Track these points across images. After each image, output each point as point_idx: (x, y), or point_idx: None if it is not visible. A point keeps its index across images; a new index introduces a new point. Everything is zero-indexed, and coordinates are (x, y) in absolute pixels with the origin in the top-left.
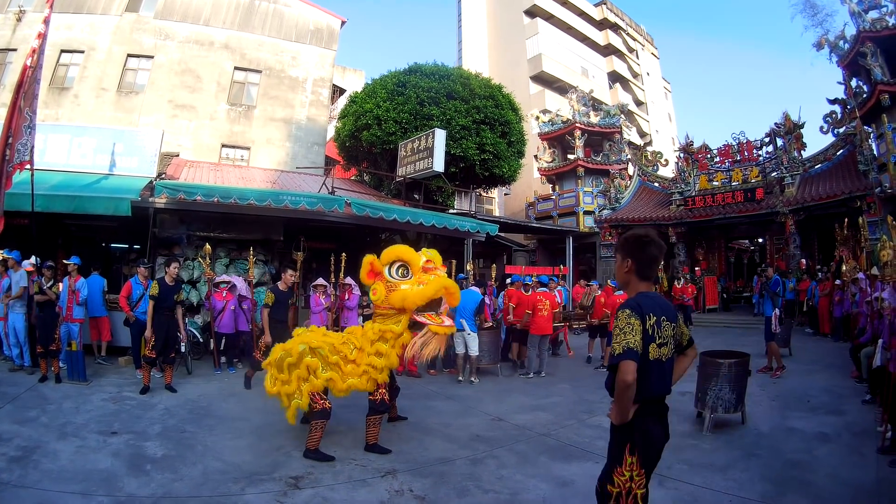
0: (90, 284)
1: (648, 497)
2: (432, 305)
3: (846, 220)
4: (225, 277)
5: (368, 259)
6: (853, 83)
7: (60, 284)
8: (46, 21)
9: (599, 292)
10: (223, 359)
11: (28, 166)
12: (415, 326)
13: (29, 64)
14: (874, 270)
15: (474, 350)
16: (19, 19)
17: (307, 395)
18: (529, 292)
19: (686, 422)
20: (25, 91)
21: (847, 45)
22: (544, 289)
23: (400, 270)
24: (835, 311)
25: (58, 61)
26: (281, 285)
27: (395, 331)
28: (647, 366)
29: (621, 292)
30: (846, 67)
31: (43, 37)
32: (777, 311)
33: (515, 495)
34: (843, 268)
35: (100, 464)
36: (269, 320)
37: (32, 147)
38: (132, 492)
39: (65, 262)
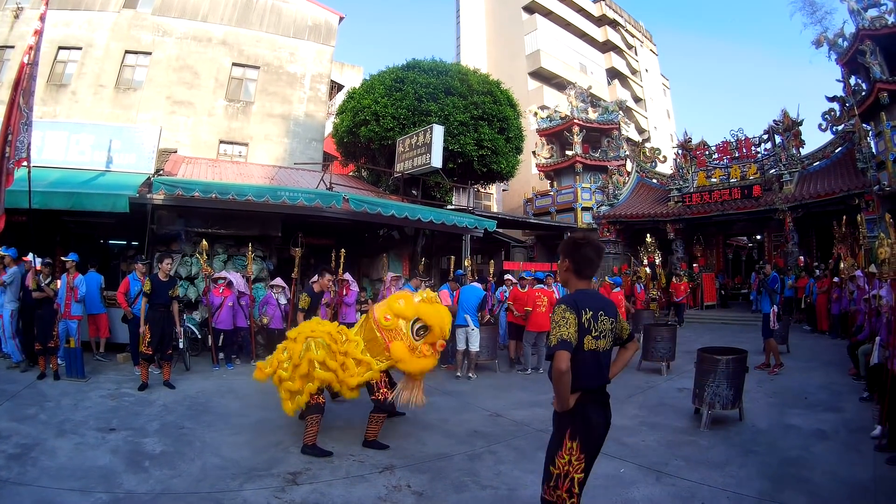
0: (87, 281)
1: (586, 483)
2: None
3: (844, 217)
4: (223, 274)
5: (408, 301)
6: (852, 81)
7: (58, 281)
8: (42, 17)
9: (599, 287)
10: (221, 355)
11: (25, 163)
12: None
13: (26, 61)
14: (872, 268)
15: (475, 346)
16: (17, 16)
17: (307, 394)
18: (526, 288)
19: (684, 418)
20: (24, 88)
21: (846, 43)
22: (541, 285)
23: (420, 331)
24: (833, 308)
25: (55, 58)
26: (316, 287)
27: (374, 367)
28: (583, 357)
29: (619, 289)
30: (845, 65)
31: (39, 33)
32: (775, 307)
33: (513, 491)
34: (842, 265)
35: (98, 461)
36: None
37: (29, 144)
38: (131, 488)
39: (63, 258)
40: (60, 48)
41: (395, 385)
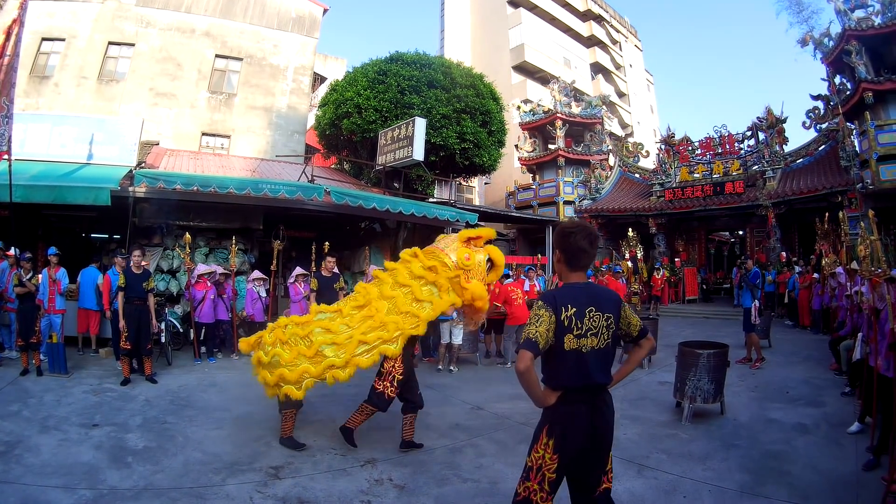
0: (85, 277)
1: (590, 486)
2: None
3: (826, 214)
4: (205, 268)
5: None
6: (837, 80)
7: (39, 276)
8: (23, 7)
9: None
10: (203, 349)
11: (6, 156)
12: None
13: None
14: (854, 265)
15: (458, 339)
16: (0, 6)
17: (284, 394)
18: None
19: (665, 411)
20: (2, 80)
21: (832, 43)
22: (510, 280)
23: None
24: (814, 303)
25: (38, 49)
26: (324, 272)
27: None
28: (563, 356)
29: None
30: (830, 64)
31: (20, 23)
32: (756, 302)
33: (495, 484)
34: (824, 262)
35: (82, 457)
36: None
37: (10, 137)
38: (114, 484)
39: (49, 255)
40: (43, 39)
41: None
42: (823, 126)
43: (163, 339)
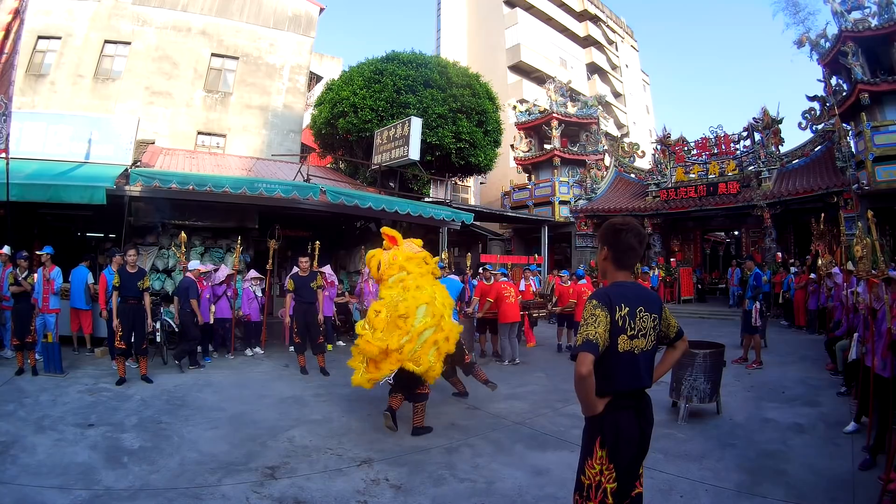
0: (75, 276)
1: (625, 492)
2: None
3: (822, 215)
4: (202, 266)
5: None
6: (833, 81)
7: (35, 275)
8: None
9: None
10: (198, 348)
11: (3, 155)
12: None
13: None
14: (849, 265)
15: None
16: None
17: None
18: (491, 280)
19: (661, 411)
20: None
21: (828, 44)
22: (505, 279)
23: None
24: (810, 303)
25: (35, 48)
26: (300, 272)
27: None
28: (617, 358)
29: (584, 282)
30: (827, 65)
31: (20, 20)
32: (757, 304)
33: (491, 484)
34: (819, 262)
35: (77, 457)
36: (296, 303)
37: (7, 135)
38: (110, 485)
39: (38, 252)
40: (40, 37)
41: None
42: (819, 127)
43: (158, 339)
